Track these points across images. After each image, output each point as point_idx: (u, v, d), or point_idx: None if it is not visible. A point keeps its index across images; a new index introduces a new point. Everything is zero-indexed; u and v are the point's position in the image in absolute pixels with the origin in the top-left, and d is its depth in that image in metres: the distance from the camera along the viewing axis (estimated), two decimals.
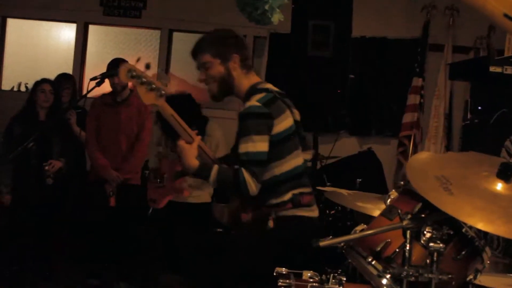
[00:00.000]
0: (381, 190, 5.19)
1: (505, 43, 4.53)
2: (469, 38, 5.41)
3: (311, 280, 2.22)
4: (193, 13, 6.00)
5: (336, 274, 2.23)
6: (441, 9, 5.50)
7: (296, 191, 2.76)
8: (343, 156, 5.02)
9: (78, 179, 4.87)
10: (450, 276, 1.87)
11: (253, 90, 2.78)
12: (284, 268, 2.32)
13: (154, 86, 2.67)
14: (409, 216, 1.86)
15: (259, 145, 2.64)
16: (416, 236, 1.87)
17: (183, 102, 4.29)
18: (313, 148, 4.67)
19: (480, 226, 1.61)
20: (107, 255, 4.42)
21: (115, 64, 4.25)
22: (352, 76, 4.90)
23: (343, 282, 2.22)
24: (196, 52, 2.85)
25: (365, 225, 2.14)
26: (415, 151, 5.27)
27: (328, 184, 4.09)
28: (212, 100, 2.91)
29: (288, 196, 2.75)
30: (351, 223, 3.89)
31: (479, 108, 3.48)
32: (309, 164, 3.56)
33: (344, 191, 3.33)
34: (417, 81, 5.35)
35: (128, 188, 4.56)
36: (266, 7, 3.34)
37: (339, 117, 5.09)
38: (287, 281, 2.19)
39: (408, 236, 1.82)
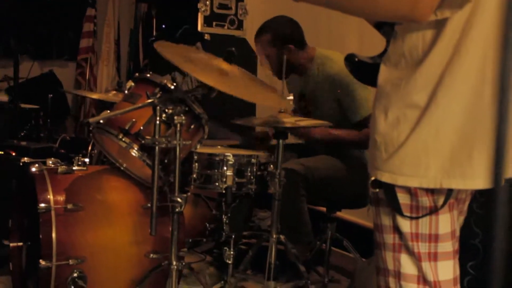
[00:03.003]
0: (63, 106, 5.03)
1: None
2: None
3: (58, 165, 2.12)
4: None
5: (80, 157, 2.17)
6: None
7: None
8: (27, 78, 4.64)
9: None
10: (190, 142, 2.02)
11: None
12: (26, 158, 2.16)
13: None
14: (158, 95, 1.92)
15: None
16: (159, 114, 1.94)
17: None
18: None
19: (214, 84, 1.77)
20: None
21: None
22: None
23: (87, 163, 2.19)
24: None
25: (108, 111, 2.11)
26: (91, 72, 5.20)
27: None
28: None
29: None
30: None
31: (163, 26, 3.63)
32: None
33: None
34: (90, 11, 5.25)
35: None
36: None
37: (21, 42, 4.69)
38: (41, 167, 2.04)
39: (157, 112, 1.88)
